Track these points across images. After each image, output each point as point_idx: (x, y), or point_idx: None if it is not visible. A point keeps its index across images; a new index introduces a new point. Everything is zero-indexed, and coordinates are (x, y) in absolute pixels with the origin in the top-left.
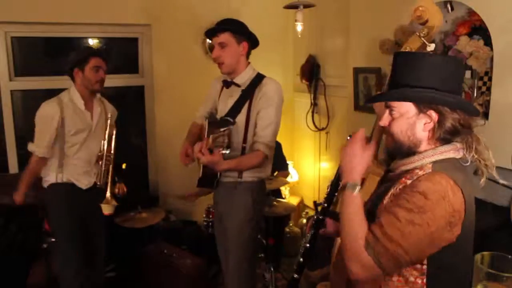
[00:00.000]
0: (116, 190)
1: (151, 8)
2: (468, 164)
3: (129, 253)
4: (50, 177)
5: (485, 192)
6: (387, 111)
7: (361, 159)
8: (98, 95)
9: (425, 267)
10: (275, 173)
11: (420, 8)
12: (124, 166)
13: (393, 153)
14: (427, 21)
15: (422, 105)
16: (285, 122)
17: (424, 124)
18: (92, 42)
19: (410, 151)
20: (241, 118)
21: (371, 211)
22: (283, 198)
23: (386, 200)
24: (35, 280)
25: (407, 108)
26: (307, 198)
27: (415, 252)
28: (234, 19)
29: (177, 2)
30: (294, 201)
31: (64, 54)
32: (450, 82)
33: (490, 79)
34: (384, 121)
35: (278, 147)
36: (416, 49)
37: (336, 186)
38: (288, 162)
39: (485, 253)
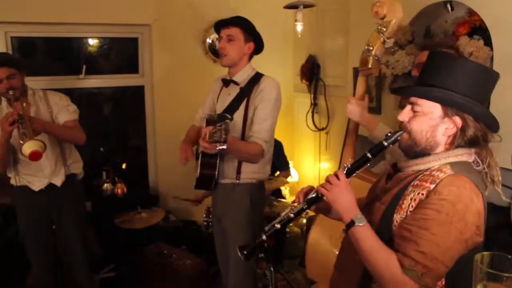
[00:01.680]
0: (116, 190)
1: (151, 8)
2: (480, 167)
3: (129, 253)
4: (12, 179)
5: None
6: (409, 107)
7: (350, 194)
8: (37, 92)
9: None
10: (277, 173)
11: (377, 4)
12: (124, 166)
13: (405, 151)
14: (385, 16)
15: (449, 109)
16: (285, 122)
17: (446, 128)
18: (92, 42)
19: (424, 152)
20: (238, 116)
21: (387, 218)
22: (283, 198)
23: (404, 205)
24: (35, 280)
25: (432, 109)
26: None
27: (452, 262)
28: (246, 18)
29: (177, 2)
30: None
31: (64, 54)
32: (480, 91)
33: None
34: (404, 116)
35: (279, 147)
36: (378, 45)
37: (361, 164)
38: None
39: (485, 253)
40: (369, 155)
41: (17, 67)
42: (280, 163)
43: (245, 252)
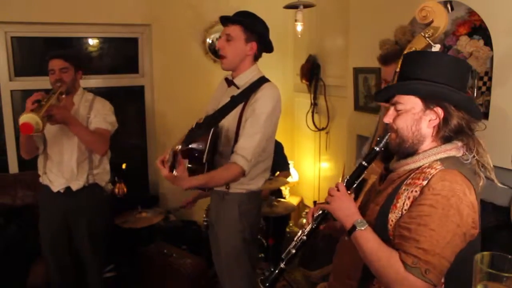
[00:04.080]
0: (116, 190)
1: (151, 8)
2: (468, 161)
3: (129, 253)
4: (40, 177)
5: (485, 192)
6: (392, 108)
7: (350, 202)
8: (86, 95)
9: None
10: (277, 173)
11: (426, 8)
12: (124, 166)
13: (394, 150)
14: (432, 21)
15: (429, 101)
16: (285, 122)
17: (430, 120)
18: (92, 42)
19: (413, 148)
20: (231, 122)
21: (382, 218)
22: (283, 198)
23: (399, 204)
24: (35, 280)
25: (413, 104)
26: (307, 198)
27: (453, 256)
28: (255, 15)
29: (177, 2)
30: (294, 201)
31: None
32: (457, 80)
33: (490, 79)
34: (389, 117)
35: (279, 147)
36: (421, 49)
37: (358, 174)
38: (289, 162)
39: (485, 253)
40: (364, 163)
41: (73, 63)
42: (280, 163)
43: (267, 285)
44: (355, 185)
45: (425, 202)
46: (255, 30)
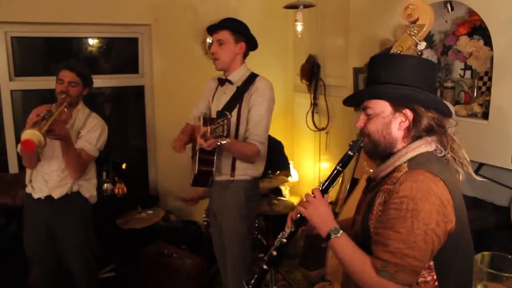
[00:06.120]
0: (116, 190)
1: (151, 8)
2: (442, 154)
3: (129, 253)
4: (27, 187)
5: (485, 192)
6: (363, 112)
7: (325, 208)
8: (84, 110)
9: (432, 262)
10: (277, 173)
11: (410, 6)
12: (124, 166)
13: (369, 154)
14: (417, 19)
15: (398, 103)
16: (285, 122)
17: (400, 123)
18: (92, 42)
19: (386, 151)
20: (233, 114)
21: (364, 227)
22: (283, 197)
23: (375, 211)
24: (35, 280)
25: (382, 108)
26: None
27: (426, 255)
28: (237, 19)
29: (177, 2)
30: (294, 201)
31: (64, 54)
32: (424, 82)
33: (490, 79)
34: (360, 122)
35: (280, 146)
36: (407, 48)
37: (334, 178)
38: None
39: (485, 253)
40: (339, 168)
41: (83, 79)
42: (280, 163)
43: (250, 286)
44: (331, 189)
45: (391, 206)
46: (242, 32)
